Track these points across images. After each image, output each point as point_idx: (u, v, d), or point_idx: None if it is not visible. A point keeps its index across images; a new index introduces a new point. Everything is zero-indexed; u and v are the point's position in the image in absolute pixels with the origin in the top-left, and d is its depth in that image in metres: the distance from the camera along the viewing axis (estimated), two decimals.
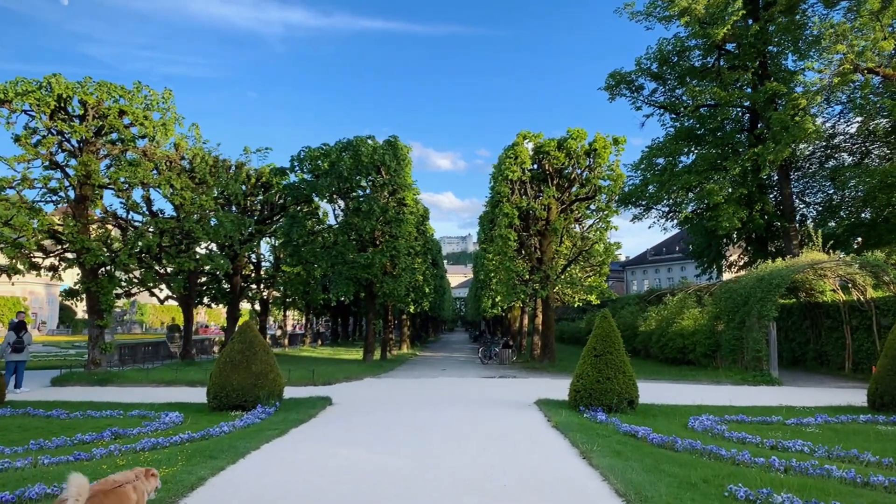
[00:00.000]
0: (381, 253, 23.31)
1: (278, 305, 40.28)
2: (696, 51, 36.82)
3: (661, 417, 11.69)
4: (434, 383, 18.91)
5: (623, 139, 22.88)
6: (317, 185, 23.86)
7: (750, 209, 33.25)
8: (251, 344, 12.55)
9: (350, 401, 14.21)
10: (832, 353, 22.31)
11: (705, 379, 19.17)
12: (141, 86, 18.59)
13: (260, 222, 28.97)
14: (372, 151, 23.40)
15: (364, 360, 25.84)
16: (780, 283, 18.77)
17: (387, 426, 10.68)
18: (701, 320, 23.22)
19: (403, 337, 40.72)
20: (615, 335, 12.29)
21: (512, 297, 24.00)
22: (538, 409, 12.75)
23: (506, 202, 22.55)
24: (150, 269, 21.71)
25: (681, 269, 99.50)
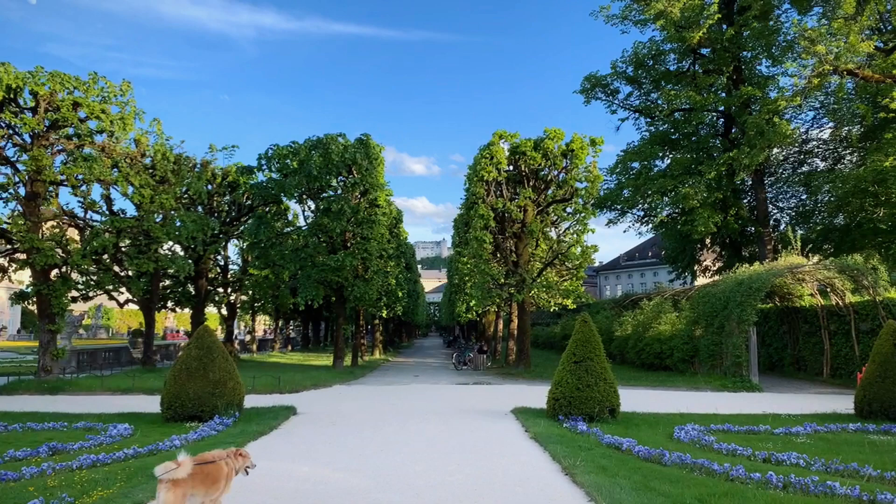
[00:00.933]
0: (351, 255, 22.49)
1: (246, 310, 39.14)
2: (672, 54, 36.73)
3: (645, 427, 11.11)
4: (406, 391, 18.17)
5: (600, 140, 22.43)
6: (285, 185, 22.94)
7: (724, 214, 33.16)
8: (209, 350, 11.71)
9: (316, 410, 13.41)
10: (810, 358, 22.06)
11: (684, 385, 18.71)
12: (97, 77, 17.61)
13: (227, 223, 27.97)
14: (343, 150, 22.59)
15: (334, 366, 24.98)
16: (761, 287, 18.41)
17: (352, 439, 9.93)
18: (678, 325, 22.83)
19: (376, 342, 39.86)
20: (595, 340, 11.70)
21: (487, 301, 23.39)
22: (515, 419, 12.09)
23: (481, 204, 21.93)
24: (109, 271, 20.65)
25: (653, 275, 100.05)
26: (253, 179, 25.53)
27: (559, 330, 42.81)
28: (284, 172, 23.27)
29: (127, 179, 17.66)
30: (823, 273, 19.57)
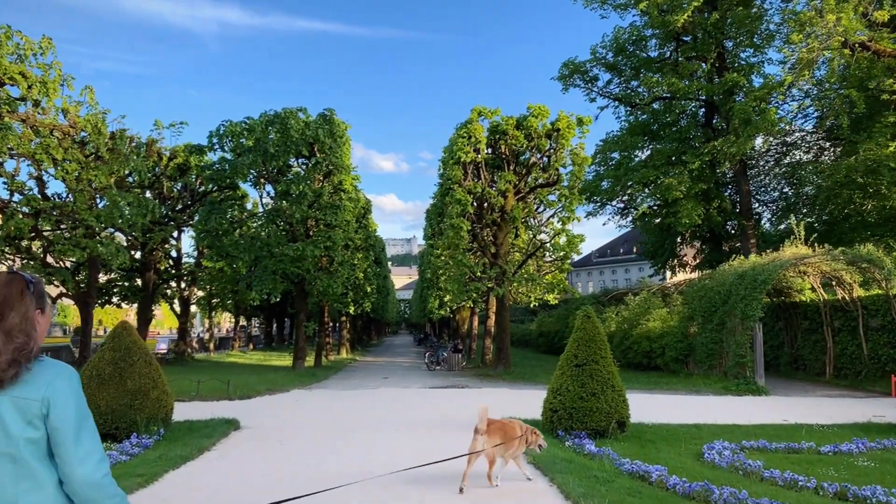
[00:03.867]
0: (313, 244, 20.20)
1: (203, 306, 36.52)
2: (653, 40, 35.28)
3: (662, 444, 9.19)
4: (373, 396, 16.04)
5: (588, 119, 20.52)
6: (237, 165, 20.52)
7: (707, 206, 31.80)
8: (127, 352, 9.45)
9: (264, 423, 11.19)
10: (809, 357, 20.51)
11: (682, 388, 16.94)
12: (11, 31, 15.05)
13: (178, 210, 25.45)
14: (304, 126, 20.27)
15: (294, 367, 22.67)
16: (767, 280, 16.70)
17: (303, 466, 7.78)
18: (670, 322, 21.12)
19: (342, 341, 37.56)
20: (601, 339, 9.75)
21: (463, 296, 21.38)
22: None
23: (458, 188, 19.86)
24: (35, 261, 18.12)
25: (625, 272, 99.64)
26: (204, 161, 23.09)
27: (535, 327, 41.09)
28: (239, 152, 20.89)
29: (47, 152, 15.16)
30: (831, 265, 17.97)
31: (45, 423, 1.96)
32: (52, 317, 2.28)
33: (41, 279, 2.31)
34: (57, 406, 1.96)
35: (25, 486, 1.91)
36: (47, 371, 2.01)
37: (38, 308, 2.08)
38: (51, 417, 1.96)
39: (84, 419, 2.02)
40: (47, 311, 2.15)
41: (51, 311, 2.21)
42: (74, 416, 1.99)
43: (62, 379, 2.01)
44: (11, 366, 1.94)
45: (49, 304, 2.18)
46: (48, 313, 2.16)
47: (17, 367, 1.95)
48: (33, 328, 2.03)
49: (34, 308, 2.06)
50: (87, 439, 2.00)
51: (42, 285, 2.15)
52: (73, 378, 2.04)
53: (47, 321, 2.15)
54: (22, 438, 1.92)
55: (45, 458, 1.98)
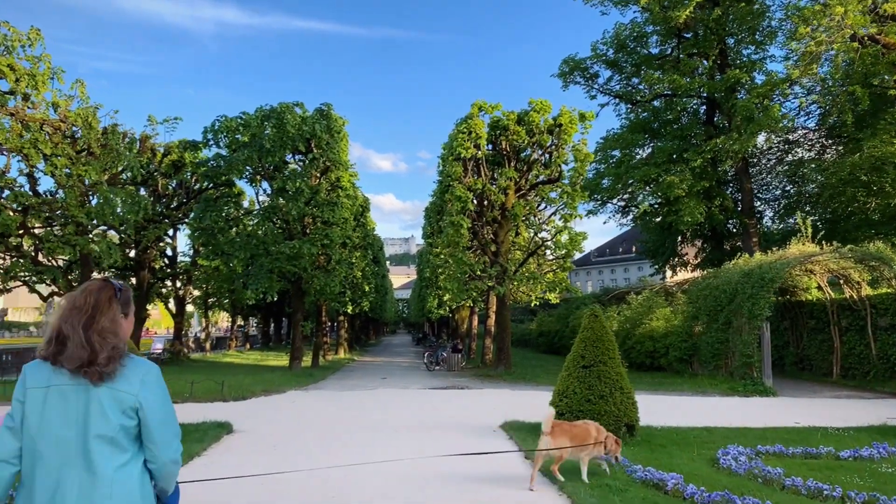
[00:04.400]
0: (310, 242, 19.76)
1: (199, 305, 36.09)
2: (654, 36, 34.99)
3: (674, 449, 8.80)
4: (371, 398, 15.63)
5: (591, 114, 20.10)
6: (232, 161, 20.06)
7: (710, 204, 31.47)
8: None
9: (257, 427, 10.79)
10: (816, 357, 20.14)
11: (687, 389, 16.54)
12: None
13: (173, 208, 25.01)
14: (300, 121, 19.83)
15: (290, 367, 22.24)
16: (775, 278, 16.31)
17: (294, 475, 7.38)
18: (674, 321, 20.72)
19: (340, 340, 37.16)
20: (609, 339, 9.36)
21: (463, 294, 20.96)
22: (507, 438, 9.67)
23: (458, 185, 19.43)
24: (25, 258, 17.69)
25: (624, 271, 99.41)
26: (199, 157, 22.63)
27: (535, 326, 40.71)
28: (234, 148, 20.43)
29: (35, 147, 14.72)
30: (839, 263, 17.59)
31: (137, 414, 2.32)
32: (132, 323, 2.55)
33: (128, 288, 2.54)
34: (148, 401, 2.32)
35: (118, 461, 2.27)
36: (139, 369, 2.36)
37: (123, 313, 2.41)
38: (144, 410, 2.32)
39: (169, 411, 2.42)
40: (130, 316, 2.47)
41: (133, 318, 2.52)
42: (161, 409, 2.37)
43: (151, 376, 2.37)
44: (110, 363, 2.28)
45: (132, 310, 2.50)
46: (131, 318, 2.48)
47: (115, 364, 2.29)
48: (119, 329, 2.37)
49: (120, 313, 2.39)
50: (171, 427, 2.41)
51: (129, 293, 2.49)
52: (160, 376, 2.41)
53: (130, 325, 2.47)
54: (118, 425, 2.28)
55: (135, 441, 2.35)
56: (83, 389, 2.28)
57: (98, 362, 2.26)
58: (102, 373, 2.26)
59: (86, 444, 2.25)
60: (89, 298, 2.36)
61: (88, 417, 2.25)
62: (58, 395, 2.29)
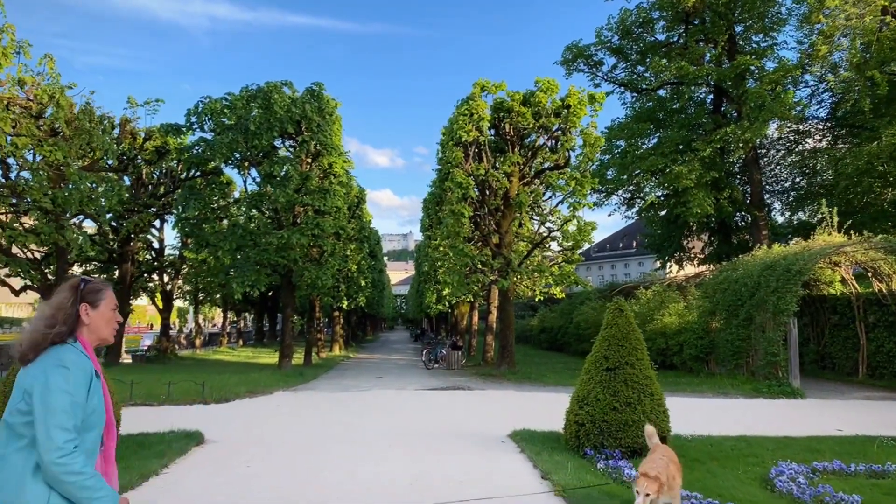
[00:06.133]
0: (300, 232, 18.44)
1: (190, 300, 34.78)
2: (661, 22, 33.72)
3: (713, 465, 7.55)
4: (365, 400, 14.36)
5: (601, 96, 18.79)
6: (215, 145, 18.66)
7: (718, 196, 30.28)
8: None
9: (233, 436, 9.50)
10: (839, 355, 18.92)
11: (707, 390, 15.31)
12: None
13: (157, 196, 23.67)
14: (289, 102, 18.48)
15: (280, 366, 20.94)
16: (803, 270, 15.07)
17: (267, 499, 6.12)
18: (688, 317, 19.48)
19: (336, 337, 35.87)
20: (636, 337, 8.10)
21: (463, 289, 19.68)
22: (518, 450, 8.40)
23: (458, 171, 18.12)
24: None
25: (624, 266, 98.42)
26: (183, 142, 21.27)
27: (537, 322, 39.49)
28: (219, 131, 19.06)
29: None
30: (868, 254, 16.35)
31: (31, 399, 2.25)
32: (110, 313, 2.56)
33: (99, 281, 2.58)
34: (35, 386, 2.25)
35: (13, 446, 2.25)
36: (51, 354, 2.32)
37: (86, 302, 2.48)
38: (31, 395, 2.25)
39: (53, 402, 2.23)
40: (101, 307, 2.52)
41: (109, 307, 2.55)
42: (43, 397, 2.23)
43: (52, 362, 2.30)
44: (30, 344, 2.33)
45: (104, 301, 2.53)
46: (103, 309, 2.52)
47: (36, 348, 2.32)
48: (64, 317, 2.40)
49: (73, 302, 2.45)
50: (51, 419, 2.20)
51: (96, 284, 2.56)
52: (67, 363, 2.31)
53: (102, 315, 2.52)
54: (15, 408, 2.28)
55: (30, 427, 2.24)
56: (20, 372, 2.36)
57: (19, 341, 2.36)
58: (20, 353, 2.32)
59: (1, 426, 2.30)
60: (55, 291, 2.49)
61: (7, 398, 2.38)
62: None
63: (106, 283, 2.58)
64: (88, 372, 2.36)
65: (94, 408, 2.35)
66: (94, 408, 2.35)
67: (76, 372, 2.29)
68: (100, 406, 2.40)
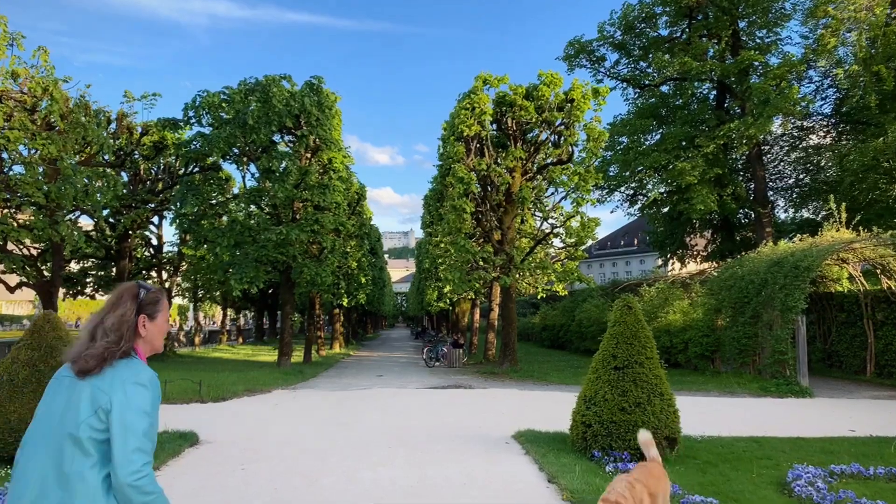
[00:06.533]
0: (299, 228, 18.15)
1: (188, 297, 34.53)
2: (664, 17, 33.41)
3: (726, 467, 7.28)
4: (365, 399, 14.09)
5: (605, 90, 18.50)
6: (213, 139, 18.34)
7: (721, 192, 30.01)
8: (50, 352, 7.49)
9: (228, 436, 9.23)
10: (847, 353, 18.66)
11: (713, 388, 15.05)
12: None
13: (155, 192, 23.39)
14: (288, 96, 18.18)
15: (279, 364, 20.67)
16: (811, 266, 14.78)
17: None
18: (693, 314, 19.20)
19: (336, 334, 35.62)
20: (645, 335, 7.84)
21: (465, 286, 19.39)
22: (523, 452, 8.13)
23: (459, 166, 17.83)
24: None
25: (626, 264, 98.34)
26: (181, 137, 20.96)
27: (538, 320, 39.19)
28: (217, 126, 18.75)
29: None
30: (877, 251, 16.07)
31: (107, 417, 2.19)
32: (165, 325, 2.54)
33: (158, 290, 2.51)
34: (114, 404, 2.19)
35: (81, 465, 2.15)
36: (126, 370, 2.26)
37: (144, 314, 2.40)
38: (110, 413, 2.18)
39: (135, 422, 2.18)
40: (158, 319, 2.46)
41: (165, 318, 2.52)
42: (123, 417, 2.17)
43: (131, 379, 2.24)
44: (93, 359, 2.25)
45: (161, 312, 2.48)
46: (159, 321, 2.47)
47: (98, 361, 2.24)
48: (128, 331, 2.34)
49: (135, 313, 2.38)
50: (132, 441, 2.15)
51: (154, 294, 2.48)
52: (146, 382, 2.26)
53: (158, 327, 2.46)
54: (86, 424, 2.18)
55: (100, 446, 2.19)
56: (73, 383, 2.27)
57: (84, 355, 2.26)
58: (83, 367, 2.24)
59: (58, 440, 2.19)
60: (111, 298, 2.43)
61: (66, 412, 2.21)
62: (56, 385, 2.33)
63: (162, 292, 2.53)
64: (160, 392, 2.34)
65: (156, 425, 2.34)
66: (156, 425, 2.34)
67: (153, 391, 2.29)
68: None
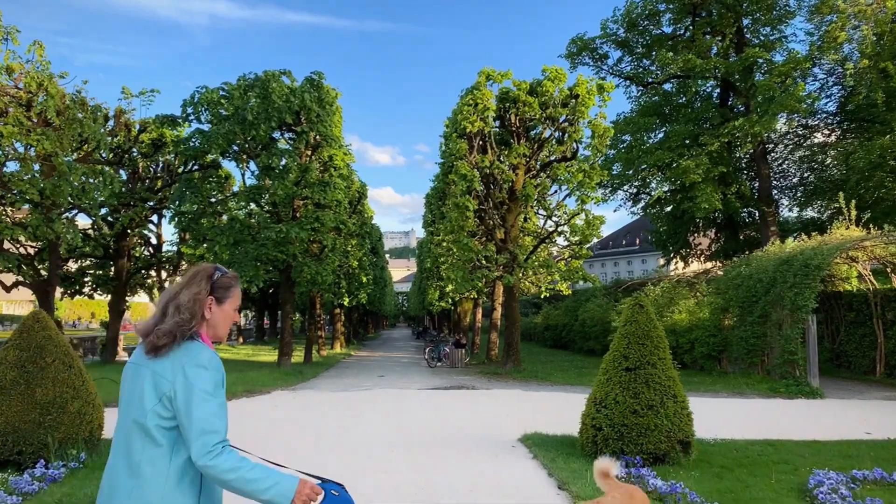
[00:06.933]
0: (299, 226, 17.87)
1: None
2: (668, 14, 33.14)
3: (742, 472, 6.99)
4: (365, 400, 13.81)
5: (610, 86, 18.19)
6: (211, 136, 18.03)
7: (725, 191, 29.72)
8: (39, 352, 7.22)
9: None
10: (855, 353, 18.36)
11: (721, 389, 14.76)
12: None
13: (154, 190, 23.10)
14: (288, 92, 17.88)
15: (279, 364, 20.39)
16: (822, 265, 14.48)
17: None
18: (699, 314, 18.90)
19: (336, 334, 35.34)
20: (658, 335, 7.57)
21: (467, 285, 19.10)
22: (531, 457, 7.83)
23: (462, 163, 17.53)
24: None
25: (627, 264, 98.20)
26: (180, 135, 20.67)
27: (541, 320, 38.90)
28: (216, 122, 18.44)
29: None
30: (889, 249, 15.77)
31: (172, 403, 2.14)
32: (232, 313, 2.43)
33: (233, 275, 2.46)
34: (177, 388, 2.13)
35: (149, 455, 2.11)
36: (188, 352, 2.19)
37: (214, 297, 2.34)
38: (174, 398, 2.13)
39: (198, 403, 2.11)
40: (225, 304, 2.38)
41: (233, 306, 2.42)
42: (186, 399, 2.11)
43: (193, 361, 2.17)
44: (166, 336, 2.18)
45: (230, 298, 2.40)
46: (227, 308, 2.39)
47: (170, 339, 2.18)
48: (200, 310, 2.28)
49: (208, 294, 2.32)
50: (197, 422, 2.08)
51: (228, 279, 2.41)
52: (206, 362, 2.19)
53: (224, 313, 2.38)
54: (152, 411, 2.14)
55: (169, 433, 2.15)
56: (136, 370, 2.24)
57: (155, 331, 2.21)
58: (155, 344, 2.18)
59: (127, 429, 2.18)
60: (186, 275, 2.38)
61: (132, 400, 2.20)
62: (125, 373, 2.31)
63: (236, 279, 2.46)
64: (222, 370, 2.27)
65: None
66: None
67: (214, 371, 2.20)
68: None
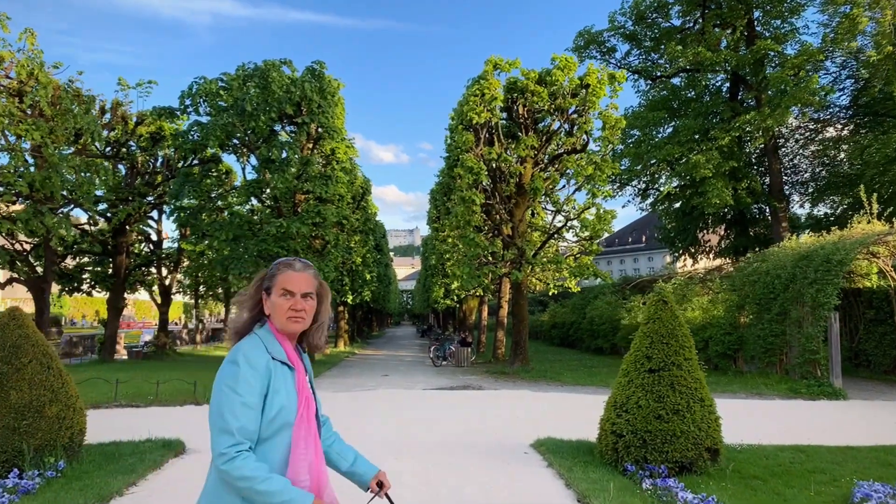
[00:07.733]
0: (300, 221, 17.32)
1: (189, 294, 33.79)
2: (677, 6, 32.51)
3: (776, 483, 6.42)
4: (369, 401, 13.26)
5: (622, 76, 17.60)
6: (209, 127, 17.49)
7: (736, 186, 29.09)
8: (15, 352, 6.69)
9: None
10: (875, 351, 17.76)
11: (739, 390, 14.18)
12: None
13: (153, 185, 22.59)
14: (289, 82, 17.32)
15: None
16: (845, 260, 13.89)
17: None
18: (713, 311, 18.31)
19: (340, 332, 34.84)
20: (683, 334, 7.00)
21: (473, 281, 18.53)
22: (546, 465, 7.28)
23: (468, 155, 16.95)
24: None
25: (634, 261, 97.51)
26: (179, 127, 20.15)
27: (548, 318, 38.31)
28: (215, 114, 17.90)
29: None
30: None
31: None
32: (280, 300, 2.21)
33: (281, 263, 2.27)
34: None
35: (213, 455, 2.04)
36: (232, 351, 2.12)
37: (263, 288, 2.24)
38: None
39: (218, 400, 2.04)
40: (273, 294, 2.20)
41: (277, 294, 2.21)
42: (214, 396, 2.07)
43: (229, 357, 2.11)
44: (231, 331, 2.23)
45: (273, 287, 2.21)
46: (273, 297, 2.20)
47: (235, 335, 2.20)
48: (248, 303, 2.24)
49: (258, 287, 2.25)
50: (215, 419, 2.02)
51: (275, 268, 2.25)
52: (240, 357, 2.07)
53: (272, 304, 2.21)
54: None
55: None
56: None
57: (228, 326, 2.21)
58: (229, 337, 2.21)
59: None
60: None
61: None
62: None
63: (286, 264, 2.23)
64: (262, 368, 2.06)
65: (281, 405, 2.08)
66: (281, 405, 2.08)
67: (245, 369, 2.03)
68: (289, 402, 2.11)
